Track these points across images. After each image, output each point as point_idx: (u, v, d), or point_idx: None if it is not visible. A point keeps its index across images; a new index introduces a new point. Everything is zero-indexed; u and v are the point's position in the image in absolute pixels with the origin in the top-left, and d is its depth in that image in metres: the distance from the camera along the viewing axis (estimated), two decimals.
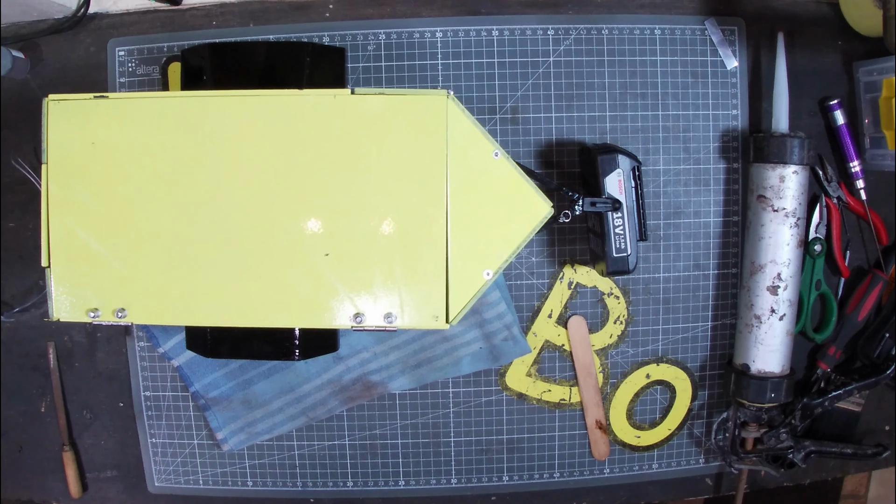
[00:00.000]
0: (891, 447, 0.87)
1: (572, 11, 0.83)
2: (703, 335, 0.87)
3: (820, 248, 0.84)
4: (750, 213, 0.81)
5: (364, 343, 0.84)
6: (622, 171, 0.76)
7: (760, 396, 0.80)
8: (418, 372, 0.85)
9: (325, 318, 0.57)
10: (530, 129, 0.83)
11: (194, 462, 0.89)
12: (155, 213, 0.57)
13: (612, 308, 0.86)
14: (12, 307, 0.86)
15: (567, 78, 0.83)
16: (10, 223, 0.86)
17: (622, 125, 0.84)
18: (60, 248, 0.57)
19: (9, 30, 0.83)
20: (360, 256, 0.56)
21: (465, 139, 0.56)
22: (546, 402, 0.87)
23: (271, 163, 0.57)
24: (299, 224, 0.57)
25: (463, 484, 0.89)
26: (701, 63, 0.83)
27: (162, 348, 0.85)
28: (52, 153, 0.57)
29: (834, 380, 0.86)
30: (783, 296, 0.79)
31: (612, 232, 0.76)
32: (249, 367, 0.85)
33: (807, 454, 0.85)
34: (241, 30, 0.82)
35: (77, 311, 0.58)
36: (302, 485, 0.89)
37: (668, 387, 0.88)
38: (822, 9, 0.84)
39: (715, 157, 0.85)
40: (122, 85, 0.83)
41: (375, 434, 0.88)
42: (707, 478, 0.91)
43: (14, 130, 0.84)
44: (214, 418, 0.86)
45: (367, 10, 0.82)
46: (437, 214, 0.56)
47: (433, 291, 0.56)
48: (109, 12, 0.83)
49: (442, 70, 0.82)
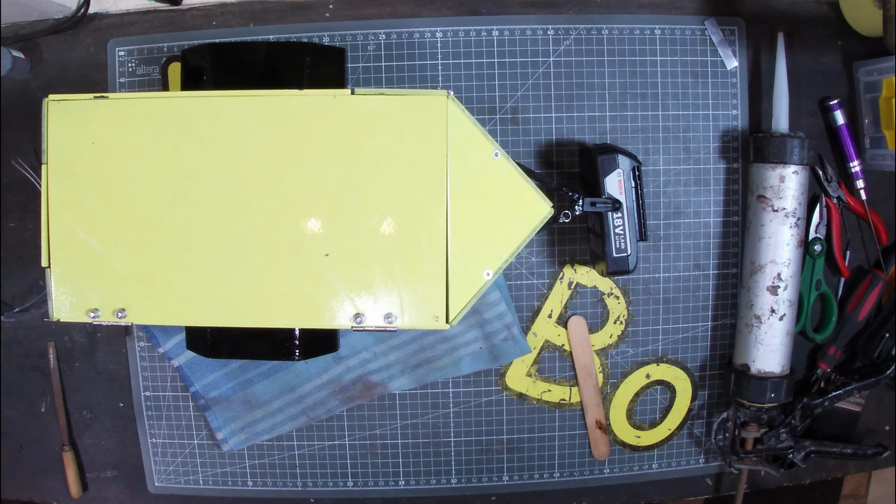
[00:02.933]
0: (891, 447, 0.87)
1: (572, 11, 0.83)
2: (703, 335, 0.87)
3: (820, 248, 0.84)
4: (750, 213, 0.81)
5: (364, 343, 0.84)
6: (622, 171, 0.76)
7: (760, 396, 0.80)
8: (418, 372, 0.85)
9: (325, 318, 0.57)
10: (530, 129, 0.83)
11: (194, 462, 0.89)
12: (155, 214, 0.57)
13: (612, 308, 0.86)
14: (12, 307, 0.86)
15: (567, 78, 0.83)
16: (10, 223, 0.86)
17: (622, 125, 0.84)
18: (60, 249, 0.57)
19: (9, 30, 0.83)
20: (360, 256, 0.56)
21: (465, 139, 0.56)
22: (546, 402, 0.87)
23: (271, 163, 0.57)
24: (299, 224, 0.57)
25: (463, 484, 0.89)
26: (701, 63, 0.83)
27: (162, 348, 0.85)
28: (52, 153, 0.57)
29: (834, 380, 0.86)
30: (783, 296, 0.79)
31: (612, 232, 0.76)
32: (249, 367, 0.85)
33: (807, 454, 0.85)
34: (241, 30, 0.82)
35: (77, 312, 0.58)
36: (302, 485, 0.89)
37: (668, 387, 0.88)
38: (822, 9, 0.84)
39: (715, 157, 0.85)
40: (122, 85, 0.83)
41: (375, 434, 0.88)
42: (707, 478, 0.91)
43: (14, 130, 0.84)
44: (214, 418, 0.86)
45: (367, 10, 0.82)
46: (438, 214, 0.56)
47: (433, 291, 0.56)
48: (109, 12, 0.83)
49: (442, 70, 0.82)
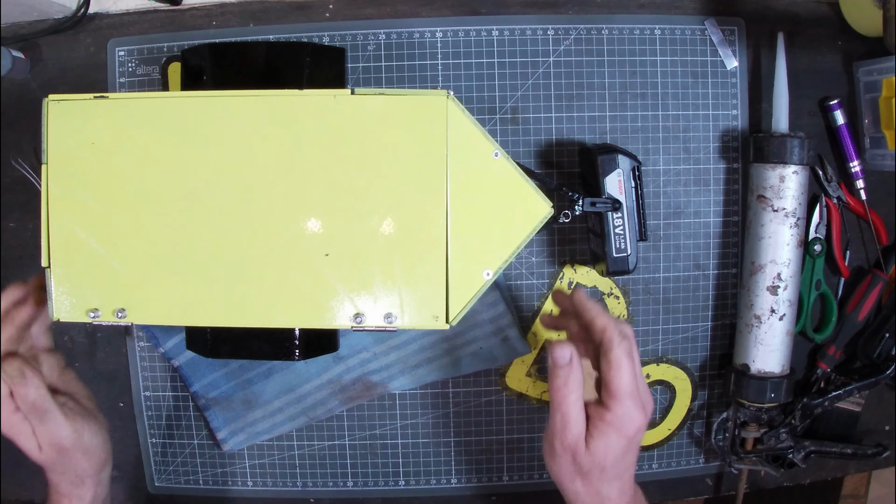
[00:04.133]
0: (891, 447, 0.87)
1: (572, 11, 0.83)
2: (703, 335, 0.87)
3: (820, 248, 0.84)
4: (750, 213, 0.81)
5: (364, 343, 0.84)
6: (622, 171, 0.76)
7: (760, 396, 0.80)
8: (418, 372, 0.85)
9: (324, 318, 0.57)
10: (530, 129, 0.83)
11: (194, 462, 0.89)
12: (155, 213, 0.57)
13: (612, 308, 0.86)
14: None
15: (567, 78, 0.83)
16: (10, 223, 0.86)
17: (622, 125, 0.84)
18: (60, 249, 0.57)
19: (9, 30, 0.83)
20: (360, 256, 0.56)
21: (464, 139, 0.56)
22: (546, 402, 0.87)
23: (271, 163, 0.57)
24: (299, 224, 0.57)
25: (463, 484, 0.89)
26: (701, 63, 0.83)
27: (162, 348, 0.85)
28: (51, 153, 0.57)
29: (834, 380, 0.86)
30: (783, 296, 0.79)
31: (612, 232, 0.76)
32: (249, 368, 0.85)
33: (807, 454, 0.85)
34: (241, 30, 0.82)
35: (77, 312, 0.57)
36: (302, 485, 0.89)
37: (668, 387, 0.88)
38: (822, 9, 0.84)
39: (715, 157, 0.85)
40: (122, 85, 0.83)
41: (375, 434, 0.88)
42: (707, 478, 0.91)
43: (14, 130, 0.84)
44: (214, 418, 0.86)
45: (367, 10, 0.82)
46: (437, 214, 0.56)
47: (433, 292, 0.56)
48: (109, 12, 0.83)
49: (442, 70, 0.82)
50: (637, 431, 0.59)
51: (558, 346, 0.57)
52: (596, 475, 0.59)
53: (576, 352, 0.58)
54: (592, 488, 0.60)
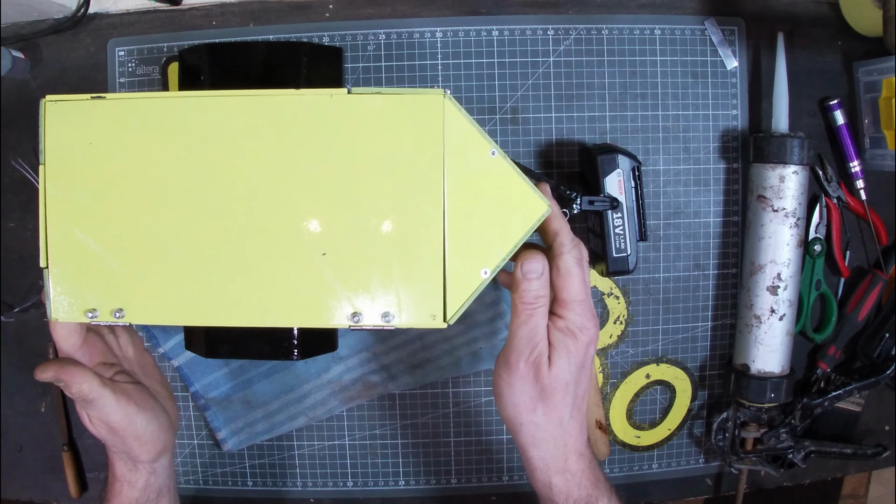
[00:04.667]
0: (891, 447, 0.87)
1: (572, 11, 0.82)
2: (703, 335, 0.87)
3: (820, 248, 0.84)
4: (750, 213, 0.80)
5: (364, 343, 0.84)
6: (622, 171, 0.76)
7: (760, 396, 0.80)
8: (418, 372, 0.85)
9: (322, 317, 0.57)
10: (530, 129, 0.83)
11: (194, 462, 0.89)
12: (153, 213, 0.57)
13: (612, 308, 0.86)
14: (12, 307, 0.86)
15: (567, 78, 0.83)
16: (10, 223, 0.86)
17: (622, 125, 0.84)
18: (59, 249, 0.57)
19: (9, 30, 0.83)
20: (358, 256, 0.56)
21: (462, 138, 0.56)
22: None
23: (269, 162, 0.57)
24: (297, 223, 0.56)
25: (463, 484, 0.89)
26: (701, 63, 0.83)
27: (162, 348, 0.85)
28: (49, 154, 0.57)
29: (834, 380, 0.86)
30: (783, 296, 0.79)
31: (611, 232, 0.76)
32: (249, 368, 0.85)
33: (807, 454, 0.85)
34: (241, 30, 0.82)
35: (75, 312, 0.57)
36: (302, 485, 0.89)
37: (668, 387, 0.88)
38: (822, 9, 0.84)
39: (715, 157, 0.84)
40: (121, 85, 0.83)
41: (375, 434, 0.88)
42: (707, 478, 0.91)
43: (14, 130, 0.85)
44: (214, 418, 0.86)
45: (367, 10, 0.82)
46: (435, 213, 0.56)
47: (431, 290, 0.56)
48: (109, 12, 0.83)
49: (442, 70, 0.82)
50: (590, 342, 0.58)
51: (531, 258, 0.56)
52: (559, 397, 0.57)
53: (547, 265, 0.57)
54: (555, 415, 0.58)
